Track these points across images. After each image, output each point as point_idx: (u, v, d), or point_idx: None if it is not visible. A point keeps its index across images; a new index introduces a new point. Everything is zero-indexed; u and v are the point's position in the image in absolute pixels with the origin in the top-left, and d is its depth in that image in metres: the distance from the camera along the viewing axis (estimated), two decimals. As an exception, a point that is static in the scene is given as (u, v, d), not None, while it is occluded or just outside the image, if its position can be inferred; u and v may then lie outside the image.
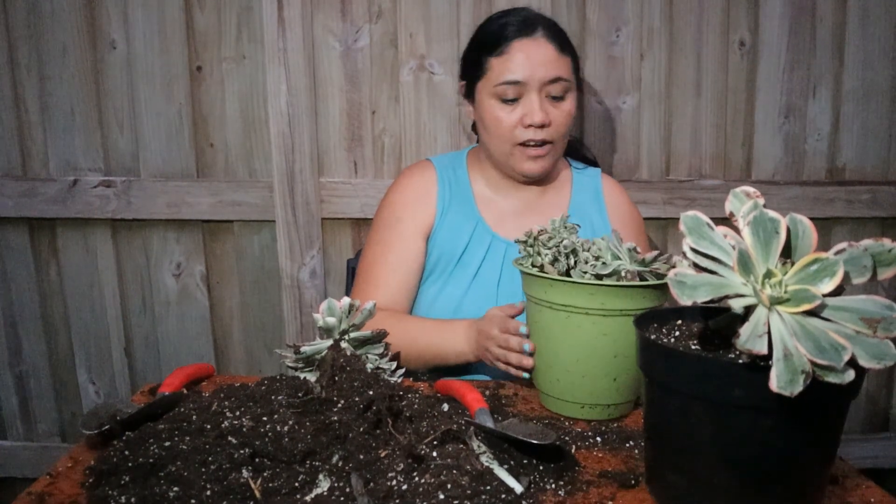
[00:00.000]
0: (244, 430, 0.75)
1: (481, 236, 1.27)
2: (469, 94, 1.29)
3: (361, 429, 0.76)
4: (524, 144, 1.22)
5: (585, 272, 0.92)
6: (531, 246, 0.98)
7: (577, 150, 1.46)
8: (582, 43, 1.65)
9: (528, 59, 1.19)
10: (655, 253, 0.92)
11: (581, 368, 0.91)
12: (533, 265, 0.97)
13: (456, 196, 1.30)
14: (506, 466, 0.75)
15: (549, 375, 0.95)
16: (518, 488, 0.71)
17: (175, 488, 0.68)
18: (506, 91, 1.20)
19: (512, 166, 1.25)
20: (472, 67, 1.26)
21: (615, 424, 0.92)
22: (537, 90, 1.19)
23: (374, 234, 1.31)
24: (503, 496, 0.68)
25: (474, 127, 1.36)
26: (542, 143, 1.21)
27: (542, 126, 1.20)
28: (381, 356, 1.00)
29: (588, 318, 0.89)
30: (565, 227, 0.98)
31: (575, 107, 1.25)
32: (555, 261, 0.95)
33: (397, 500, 0.67)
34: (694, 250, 0.64)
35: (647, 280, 0.91)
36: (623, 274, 0.92)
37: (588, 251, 0.94)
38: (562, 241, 0.95)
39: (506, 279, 1.24)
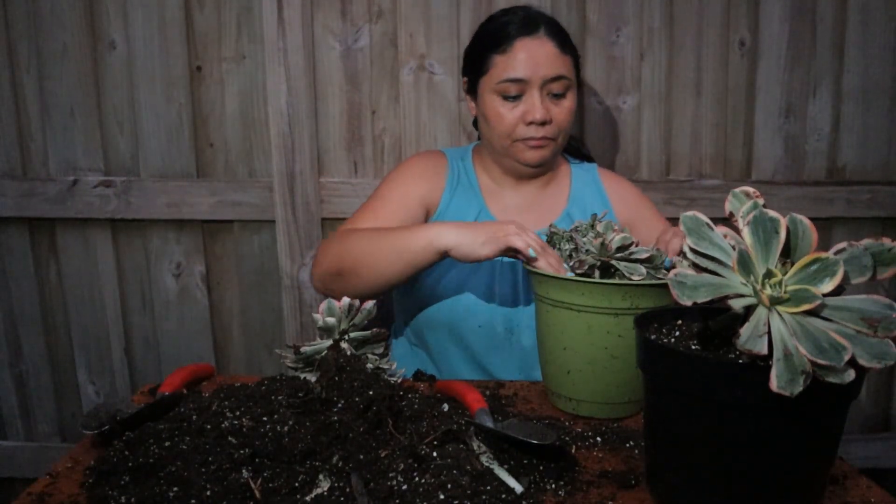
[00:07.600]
0: (244, 430, 0.75)
1: None
2: (471, 90, 1.31)
3: (361, 429, 0.76)
4: (524, 140, 1.24)
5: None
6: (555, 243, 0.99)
7: (576, 150, 1.48)
8: (582, 43, 1.65)
9: (530, 57, 1.21)
10: (621, 239, 0.92)
11: (599, 366, 0.91)
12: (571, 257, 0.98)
13: (462, 183, 1.33)
14: (506, 466, 0.75)
15: (562, 375, 0.95)
16: (518, 488, 0.71)
17: (175, 488, 0.68)
18: (508, 88, 1.22)
19: (513, 156, 1.27)
20: (475, 64, 1.28)
21: (615, 424, 0.92)
22: (539, 88, 1.21)
23: (374, 192, 1.31)
24: (503, 496, 0.68)
25: (475, 123, 1.38)
26: (543, 138, 1.24)
27: (542, 123, 1.22)
28: (382, 356, 1.00)
29: (602, 318, 0.89)
30: (594, 226, 0.99)
31: (575, 104, 1.27)
32: (569, 257, 0.96)
33: (397, 501, 0.67)
34: (694, 251, 0.64)
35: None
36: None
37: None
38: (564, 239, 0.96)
39: (506, 269, 1.25)
